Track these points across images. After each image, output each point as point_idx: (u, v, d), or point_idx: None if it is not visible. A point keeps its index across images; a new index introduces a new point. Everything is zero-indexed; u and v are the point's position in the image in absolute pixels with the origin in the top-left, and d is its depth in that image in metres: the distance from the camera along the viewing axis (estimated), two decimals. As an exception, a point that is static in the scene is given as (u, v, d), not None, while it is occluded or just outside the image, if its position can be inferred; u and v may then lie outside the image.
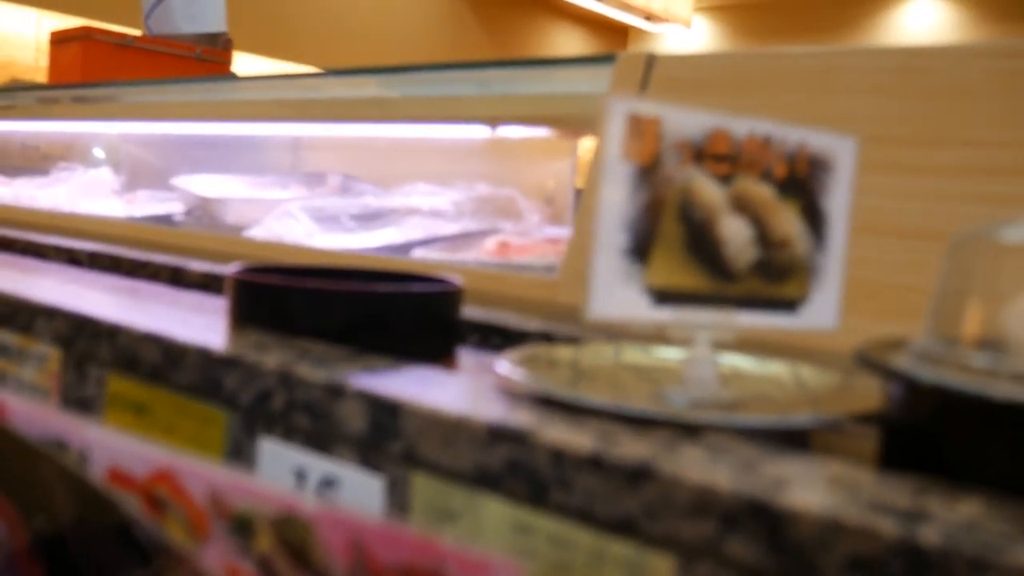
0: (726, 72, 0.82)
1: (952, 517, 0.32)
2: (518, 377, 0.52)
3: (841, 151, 0.59)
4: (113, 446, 0.45)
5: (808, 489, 0.35)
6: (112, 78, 2.12)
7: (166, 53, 2.30)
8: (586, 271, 0.51)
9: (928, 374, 0.42)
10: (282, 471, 0.53)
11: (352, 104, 1.42)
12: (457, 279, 0.71)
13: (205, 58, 2.34)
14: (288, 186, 1.66)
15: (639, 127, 0.52)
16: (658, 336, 0.55)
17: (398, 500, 0.48)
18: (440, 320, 0.68)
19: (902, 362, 0.44)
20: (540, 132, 1.35)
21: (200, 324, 0.68)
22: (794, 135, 0.57)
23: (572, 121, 1.22)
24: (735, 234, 0.55)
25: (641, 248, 0.52)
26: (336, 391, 0.50)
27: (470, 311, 0.83)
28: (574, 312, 0.83)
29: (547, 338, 0.73)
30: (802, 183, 0.57)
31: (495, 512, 0.43)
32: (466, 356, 0.72)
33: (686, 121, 0.53)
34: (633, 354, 0.63)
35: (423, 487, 0.46)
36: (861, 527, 0.32)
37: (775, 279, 0.56)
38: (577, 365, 0.60)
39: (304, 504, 0.37)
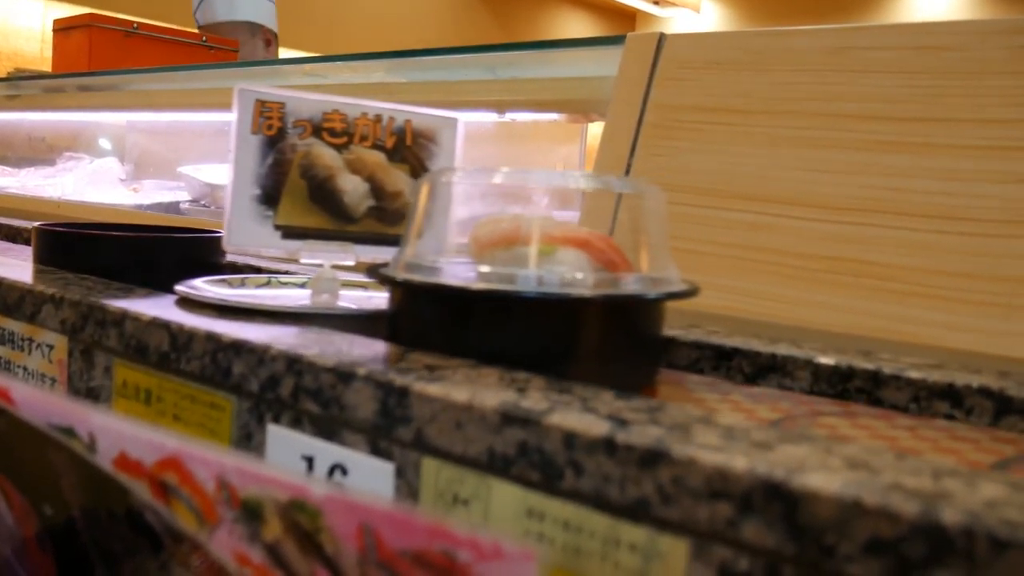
0: (738, 52, 0.81)
1: (973, 497, 0.32)
2: (187, 290, 0.69)
3: (445, 126, 0.77)
4: (121, 433, 0.45)
5: (826, 470, 0.34)
6: (117, 66, 2.11)
7: (172, 41, 2.29)
8: (229, 217, 0.70)
9: (391, 273, 0.58)
10: (291, 458, 0.53)
11: (359, 90, 1.41)
12: (220, 232, 0.82)
13: (211, 46, 2.34)
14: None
15: (265, 109, 0.71)
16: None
17: (408, 486, 0.47)
18: (196, 262, 0.84)
19: (385, 270, 0.60)
20: (549, 116, 1.33)
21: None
22: (402, 115, 0.75)
23: (581, 105, 1.21)
24: (352, 188, 0.74)
25: (270, 197, 0.71)
26: (345, 376, 0.49)
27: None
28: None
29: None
30: (410, 151, 0.75)
31: (506, 496, 0.43)
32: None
33: (305, 104, 0.72)
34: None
35: (433, 472, 0.46)
36: (881, 508, 0.31)
37: (392, 222, 0.74)
38: (248, 282, 0.79)
39: (313, 489, 0.37)
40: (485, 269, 0.54)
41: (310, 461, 0.52)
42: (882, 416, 0.57)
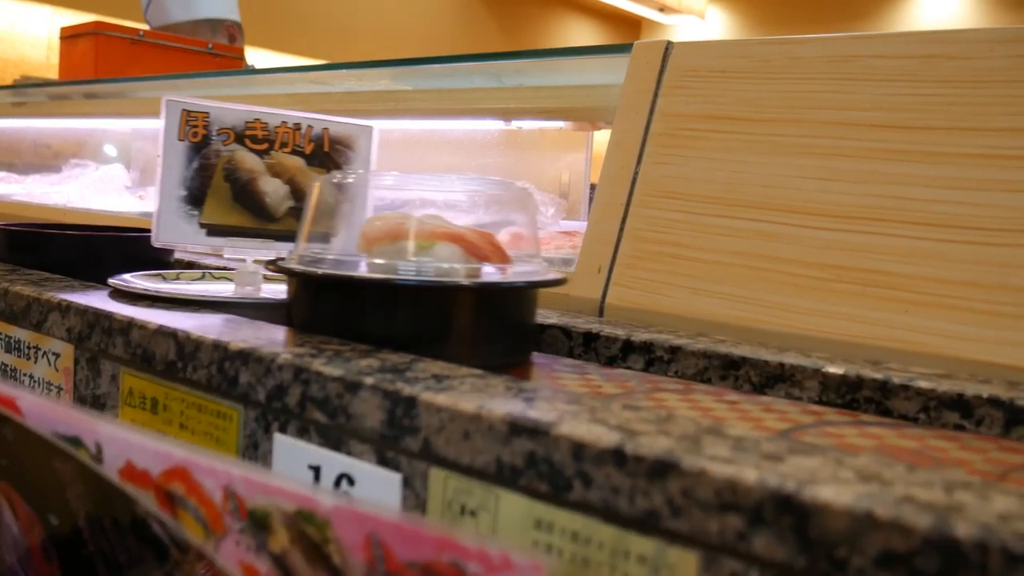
0: (745, 60, 0.81)
1: (986, 510, 0.32)
2: (118, 282, 0.76)
3: (360, 134, 0.86)
4: (128, 442, 0.45)
5: (837, 483, 0.34)
6: (124, 74, 2.12)
7: (178, 48, 2.30)
8: (157, 215, 0.79)
9: (287, 265, 0.65)
10: (298, 467, 0.53)
11: (365, 97, 1.41)
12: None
13: (217, 53, 2.34)
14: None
15: (191, 118, 0.80)
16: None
17: (415, 496, 0.47)
18: (143, 258, 0.90)
19: (282, 262, 0.67)
20: (555, 124, 1.33)
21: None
22: (320, 123, 0.84)
23: (587, 113, 1.21)
24: (273, 190, 0.82)
25: (196, 198, 0.80)
26: (352, 386, 0.49)
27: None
28: (591, 305, 0.82)
29: (564, 330, 0.73)
30: (328, 156, 0.84)
31: (515, 507, 0.42)
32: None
33: (228, 114, 0.81)
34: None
35: (440, 483, 0.45)
36: (894, 521, 0.31)
37: None
38: (183, 276, 0.86)
39: (321, 500, 0.37)
40: (370, 261, 0.62)
41: (317, 471, 0.52)
42: (714, 393, 0.62)
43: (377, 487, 0.49)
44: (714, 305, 0.75)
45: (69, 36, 2.37)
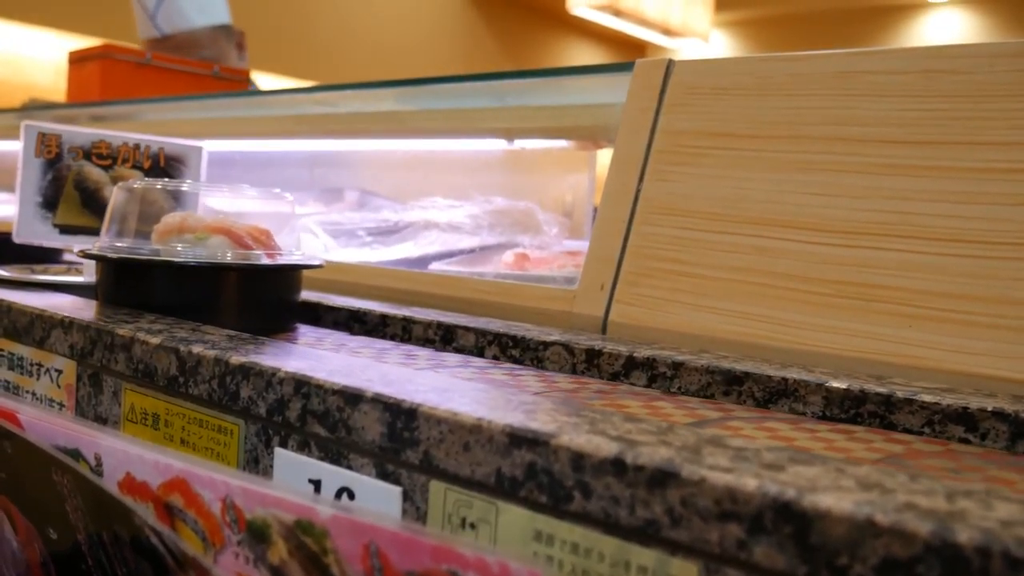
0: (746, 77, 0.81)
1: (987, 515, 0.31)
2: None
3: (192, 152, 1.06)
4: (127, 454, 0.45)
5: (838, 490, 0.34)
6: (130, 96, 2.13)
7: (183, 71, 2.31)
8: (17, 217, 1.00)
9: (90, 251, 0.82)
10: (298, 481, 0.53)
11: (369, 118, 1.42)
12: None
13: (223, 76, 2.35)
14: (305, 202, 1.66)
15: (45, 139, 1.00)
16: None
17: (415, 509, 0.47)
18: (33, 258, 1.08)
19: (88, 250, 0.83)
20: (558, 144, 1.34)
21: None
22: (156, 144, 1.04)
23: (590, 132, 1.21)
24: None
25: (50, 203, 1.00)
26: (352, 398, 0.49)
27: (488, 323, 0.82)
28: (593, 322, 0.82)
29: (567, 347, 0.72)
30: (164, 171, 1.04)
31: (515, 519, 0.42)
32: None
33: (77, 136, 1.01)
34: None
35: (440, 495, 0.45)
36: (895, 527, 0.31)
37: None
38: (51, 271, 1.05)
39: (319, 509, 0.36)
40: (159, 247, 0.80)
41: (317, 485, 0.52)
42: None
43: (377, 500, 0.48)
44: (716, 321, 0.75)
45: (77, 59, 2.38)
